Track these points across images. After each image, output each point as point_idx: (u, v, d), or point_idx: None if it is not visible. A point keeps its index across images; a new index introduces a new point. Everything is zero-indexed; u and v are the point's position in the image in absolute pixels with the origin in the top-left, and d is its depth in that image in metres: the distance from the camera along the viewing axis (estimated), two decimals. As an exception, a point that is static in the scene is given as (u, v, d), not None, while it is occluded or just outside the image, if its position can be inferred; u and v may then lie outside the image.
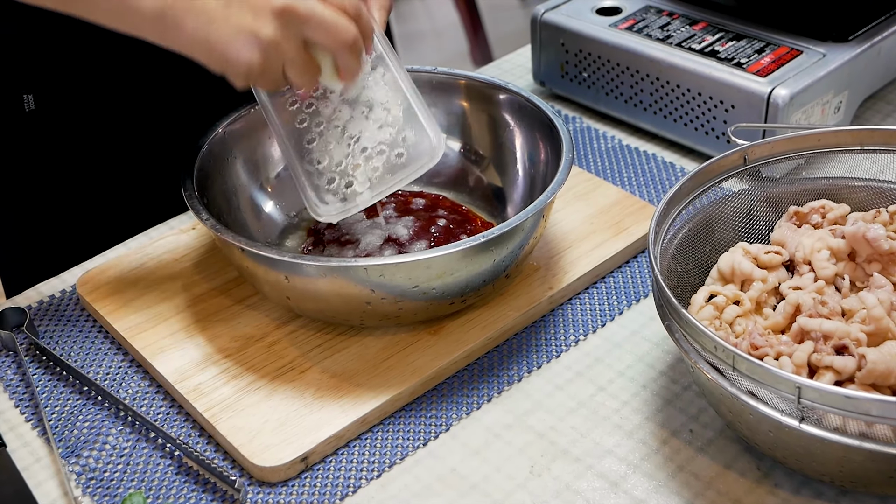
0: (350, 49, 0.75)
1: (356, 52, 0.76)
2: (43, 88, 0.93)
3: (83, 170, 0.99)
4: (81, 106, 0.96)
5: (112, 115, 0.98)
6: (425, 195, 0.95)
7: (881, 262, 0.74)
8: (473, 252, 0.76)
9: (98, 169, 1.00)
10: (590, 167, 1.04)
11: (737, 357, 0.63)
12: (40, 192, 0.99)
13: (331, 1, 0.73)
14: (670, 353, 0.81)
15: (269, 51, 0.71)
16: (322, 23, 0.72)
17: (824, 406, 0.61)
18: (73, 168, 0.98)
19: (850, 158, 0.82)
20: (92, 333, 0.86)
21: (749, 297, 0.73)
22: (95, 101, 0.96)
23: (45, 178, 0.98)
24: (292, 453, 0.73)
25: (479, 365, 0.81)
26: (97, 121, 0.97)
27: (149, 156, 1.01)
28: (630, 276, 0.90)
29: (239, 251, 0.77)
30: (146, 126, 1.00)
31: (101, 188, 1.01)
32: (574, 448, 0.74)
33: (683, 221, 0.78)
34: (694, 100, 1.02)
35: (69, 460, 0.75)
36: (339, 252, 0.87)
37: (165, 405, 0.79)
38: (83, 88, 0.95)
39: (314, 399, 0.77)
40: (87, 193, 1.00)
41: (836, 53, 1.00)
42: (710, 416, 0.75)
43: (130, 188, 1.02)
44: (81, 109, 0.96)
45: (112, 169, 1.00)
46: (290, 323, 0.84)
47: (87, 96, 0.95)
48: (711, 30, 1.06)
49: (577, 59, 1.10)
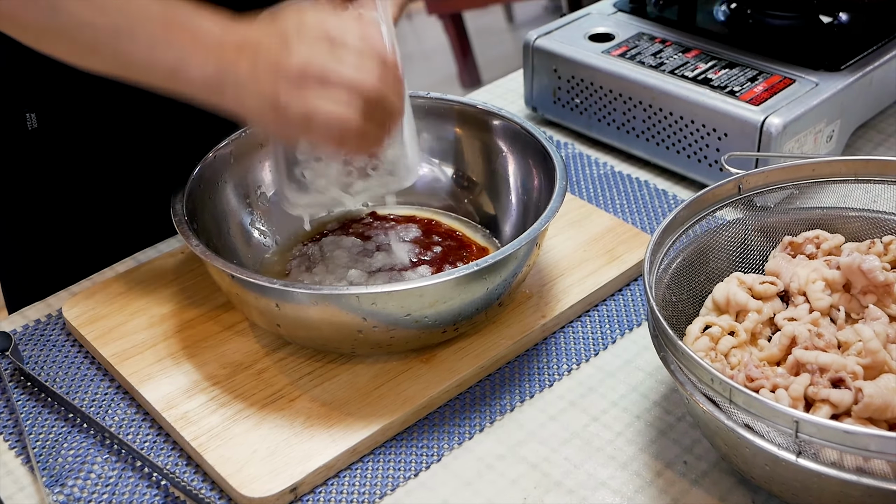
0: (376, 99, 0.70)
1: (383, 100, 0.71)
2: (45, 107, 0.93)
3: (73, 191, 0.98)
4: (80, 126, 0.95)
5: (107, 136, 0.97)
6: (419, 220, 0.94)
7: (876, 294, 0.74)
8: (466, 280, 0.75)
9: (87, 191, 0.99)
10: (582, 194, 1.03)
11: (734, 390, 0.62)
12: (27, 214, 0.98)
13: (349, 59, 0.70)
14: (664, 383, 0.81)
15: (283, 115, 0.70)
16: (340, 78, 0.69)
17: (822, 441, 0.60)
18: (64, 190, 0.98)
19: (844, 188, 0.82)
20: (78, 359, 0.85)
21: (744, 328, 0.73)
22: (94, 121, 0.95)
23: (35, 200, 0.97)
24: (281, 484, 0.71)
25: (471, 394, 0.81)
26: (93, 142, 0.96)
27: (138, 179, 1.00)
28: (623, 304, 0.89)
29: (229, 278, 0.76)
30: (137, 149, 0.99)
31: (90, 211, 1.00)
32: (567, 480, 0.73)
33: (678, 251, 0.78)
34: (687, 127, 1.01)
35: (53, 489, 0.73)
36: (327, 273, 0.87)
37: (152, 433, 0.78)
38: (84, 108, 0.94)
39: (304, 428, 0.76)
40: (76, 215, 0.99)
41: (829, 82, 1.00)
42: (705, 448, 0.75)
43: (119, 211, 1.01)
44: (80, 129, 0.95)
45: (101, 191, 0.99)
46: (280, 350, 0.83)
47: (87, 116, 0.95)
48: (704, 57, 1.06)
49: (570, 85, 1.10)
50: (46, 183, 0.97)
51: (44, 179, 0.96)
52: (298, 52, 0.69)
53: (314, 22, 0.71)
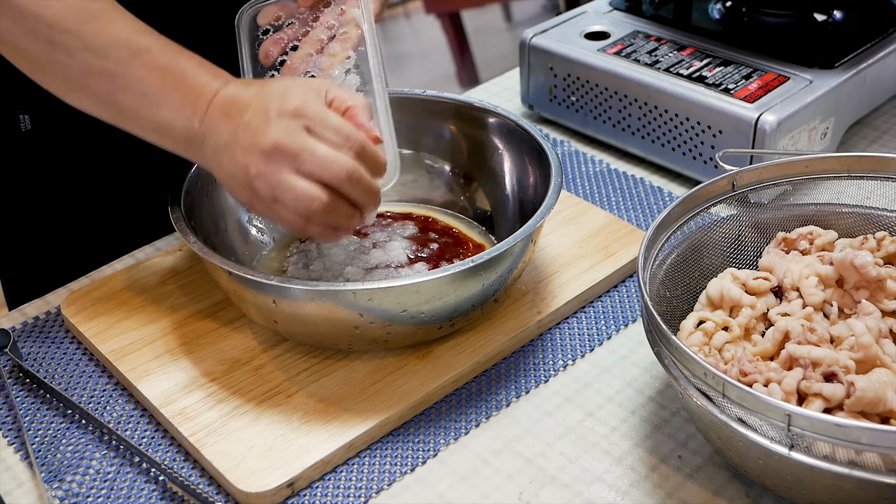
0: (348, 181, 0.70)
1: (355, 183, 0.71)
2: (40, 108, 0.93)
3: (71, 190, 0.99)
4: (76, 127, 0.95)
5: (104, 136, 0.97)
6: (415, 217, 0.95)
7: (869, 289, 0.74)
8: (462, 277, 0.76)
9: (86, 189, 0.99)
10: (577, 191, 1.04)
11: (727, 384, 0.63)
12: (26, 212, 0.98)
13: (326, 137, 0.70)
14: (658, 378, 0.81)
15: (253, 189, 0.70)
16: (313, 157, 0.69)
17: (814, 434, 0.61)
18: (62, 188, 0.98)
19: (838, 184, 0.82)
20: (76, 356, 0.85)
21: (738, 323, 0.73)
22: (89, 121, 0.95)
23: (33, 198, 0.98)
24: (279, 479, 0.72)
25: (467, 390, 0.81)
26: (89, 142, 0.97)
27: (136, 177, 1.01)
28: (618, 300, 0.90)
29: (226, 274, 0.77)
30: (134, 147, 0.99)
31: (88, 208, 1.00)
32: (563, 474, 0.74)
33: (672, 247, 0.78)
34: (682, 125, 1.02)
35: (52, 485, 0.74)
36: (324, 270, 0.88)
37: (150, 429, 0.78)
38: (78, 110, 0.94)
39: (301, 424, 0.76)
40: (74, 214, 1.00)
41: (823, 80, 1.01)
42: (699, 443, 0.75)
43: (117, 209, 1.02)
44: (76, 130, 0.95)
45: (99, 189, 1.00)
46: (277, 346, 0.83)
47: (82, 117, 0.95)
48: (699, 55, 1.06)
49: (566, 83, 1.10)
50: (45, 181, 0.97)
51: (42, 178, 0.97)
52: (276, 128, 0.69)
53: (299, 94, 0.70)
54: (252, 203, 0.72)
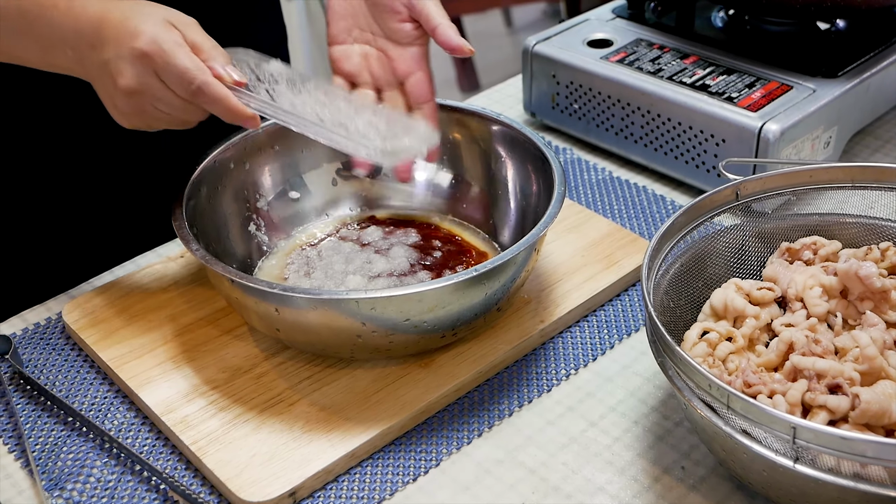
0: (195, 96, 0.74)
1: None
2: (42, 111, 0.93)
3: (73, 195, 0.98)
4: (73, 129, 0.95)
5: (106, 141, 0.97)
6: (418, 225, 0.95)
7: (873, 300, 0.74)
8: (465, 285, 0.75)
9: (86, 195, 0.99)
10: (580, 199, 1.03)
11: (731, 396, 0.63)
12: (26, 218, 0.98)
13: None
14: (662, 388, 0.81)
15: (132, 98, 0.75)
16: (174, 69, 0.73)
17: (820, 447, 0.60)
18: (64, 194, 0.98)
19: (842, 194, 0.82)
20: (77, 363, 0.85)
21: (742, 333, 0.73)
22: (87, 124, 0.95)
23: (32, 204, 0.97)
24: (280, 488, 0.72)
25: (469, 399, 0.81)
26: (92, 147, 0.96)
27: (138, 183, 1.01)
28: (621, 309, 0.89)
29: (229, 282, 0.77)
30: (137, 153, 0.99)
31: (89, 214, 1.00)
32: (565, 485, 0.73)
33: (676, 256, 0.78)
34: (684, 133, 1.02)
35: (53, 493, 0.74)
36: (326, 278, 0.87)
37: (151, 437, 0.78)
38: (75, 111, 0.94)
39: (303, 433, 0.76)
40: (75, 220, 0.99)
41: (826, 89, 1.00)
42: (703, 454, 0.75)
43: (118, 215, 1.01)
44: (73, 133, 0.95)
45: (100, 195, 1.00)
46: (279, 354, 0.83)
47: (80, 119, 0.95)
48: (702, 64, 1.06)
49: (569, 90, 1.10)
50: (46, 186, 0.97)
51: (44, 183, 0.97)
52: (129, 73, 0.73)
53: (150, 33, 0.73)
54: (126, 117, 0.77)
